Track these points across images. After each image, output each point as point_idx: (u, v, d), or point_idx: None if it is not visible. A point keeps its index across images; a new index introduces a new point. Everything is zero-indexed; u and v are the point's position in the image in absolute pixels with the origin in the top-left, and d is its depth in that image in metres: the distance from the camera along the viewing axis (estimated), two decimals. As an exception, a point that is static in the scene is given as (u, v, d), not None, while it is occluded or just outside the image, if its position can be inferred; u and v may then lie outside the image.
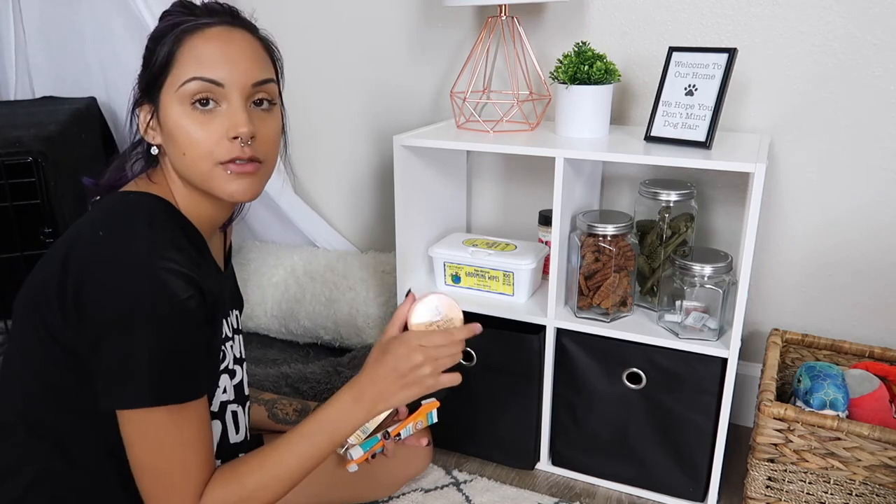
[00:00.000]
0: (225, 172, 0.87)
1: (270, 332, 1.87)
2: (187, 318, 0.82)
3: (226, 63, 0.86)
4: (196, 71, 0.85)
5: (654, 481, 1.37)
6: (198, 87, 0.85)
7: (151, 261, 0.80)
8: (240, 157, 0.87)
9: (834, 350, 1.43)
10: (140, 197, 0.89)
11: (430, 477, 1.42)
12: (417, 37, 1.71)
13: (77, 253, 0.82)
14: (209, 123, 0.86)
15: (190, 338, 0.83)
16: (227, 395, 0.97)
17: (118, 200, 0.89)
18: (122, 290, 0.79)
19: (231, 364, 0.98)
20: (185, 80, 0.85)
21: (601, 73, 1.33)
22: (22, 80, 2.11)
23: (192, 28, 0.86)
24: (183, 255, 0.83)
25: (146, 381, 0.80)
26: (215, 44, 0.86)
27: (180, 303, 0.80)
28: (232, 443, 1.00)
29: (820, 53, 1.37)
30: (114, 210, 0.87)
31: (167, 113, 0.87)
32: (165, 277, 0.80)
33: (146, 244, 0.82)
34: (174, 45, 0.85)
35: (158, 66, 0.86)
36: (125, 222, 0.84)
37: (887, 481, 1.15)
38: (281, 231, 1.96)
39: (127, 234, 0.83)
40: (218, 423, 0.96)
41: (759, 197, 1.15)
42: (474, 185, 1.74)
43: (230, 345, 0.98)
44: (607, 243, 1.32)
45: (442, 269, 1.49)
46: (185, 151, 0.87)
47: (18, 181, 1.57)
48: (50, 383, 0.86)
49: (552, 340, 1.39)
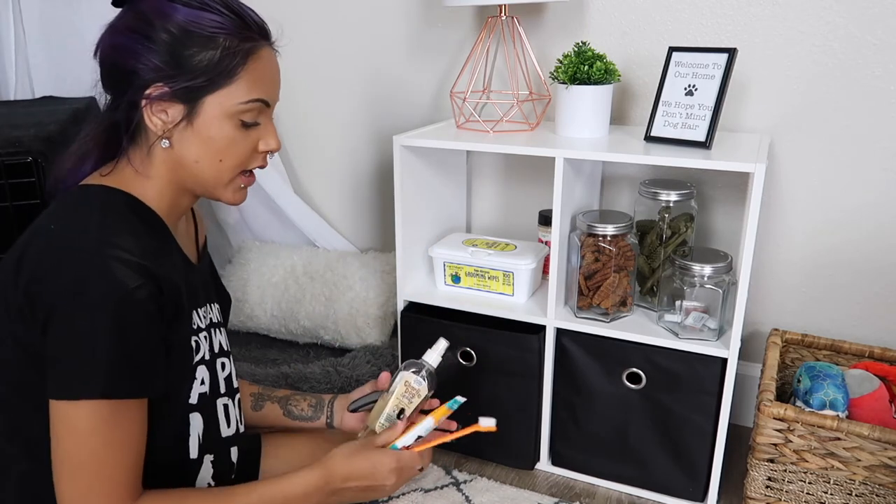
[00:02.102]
0: (240, 184, 0.94)
1: (270, 332, 1.87)
2: (136, 308, 0.79)
3: (274, 85, 0.92)
4: (258, 93, 0.88)
5: (654, 481, 1.37)
6: (254, 108, 0.89)
7: (100, 248, 0.78)
8: (262, 166, 0.95)
9: (834, 350, 1.43)
10: (95, 189, 0.88)
11: (430, 477, 1.42)
12: (417, 37, 1.71)
13: (30, 247, 0.82)
14: (249, 136, 0.91)
15: (138, 329, 0.80)
16: (205, 388, 0.95)
17: (74, 194, 0.88)
18: (69, 278, 0.77)
19: (207, 355, 0.96)
20: (248, 100, 0.87)
21: (601, 73, 1.33)
22: (22, 80, 2.11)
23: (254, 49, 0.88)
24: (139, 243, 0.81)
25: (87, 372, 0.77)
26: (269, 67, 0.91)
27: (128, 292, 0.77)
28: (224, 436, 0.99)
29: (820, 53, 1.37)
30: (68, 203, 0.86)
31: (210, 121, 0.87)
32: (113, 266, 0.78)
33: (96, 233, 0.80)
34: (238, 63, 0.86)
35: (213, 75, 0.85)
36: (77, 213, 0.84)
37: (887, 481, 1.15)
38: (281, 231, 1.96)
39: (77, 224, 0.82)
40: (198, 415, 0.94)
41: (759, 197, 1.15)
42: (474, 185, 1.74)
43: (204, 336, 0.95)
44: (607, 243, 1.32)
45: (442, 269, 1.49)
46: (223, 159, 0.89)
47: (18, 181, 1.57)
48: (16, 384, 0.85)
49: (552, 340, 1.39)
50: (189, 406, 0.92)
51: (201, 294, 0.98)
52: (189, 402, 0.92)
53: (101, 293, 0.77)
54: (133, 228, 0.84)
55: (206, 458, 0.96)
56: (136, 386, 0.81)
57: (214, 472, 0.98)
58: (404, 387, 1.06)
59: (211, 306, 1.01)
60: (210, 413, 0.97)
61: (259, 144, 0.92)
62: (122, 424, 0.80)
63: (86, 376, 0.77)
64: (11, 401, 0.86)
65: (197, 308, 0.95)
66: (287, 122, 1.91)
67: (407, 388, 1.07)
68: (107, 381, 0.78)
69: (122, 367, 0.79)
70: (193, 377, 0.93)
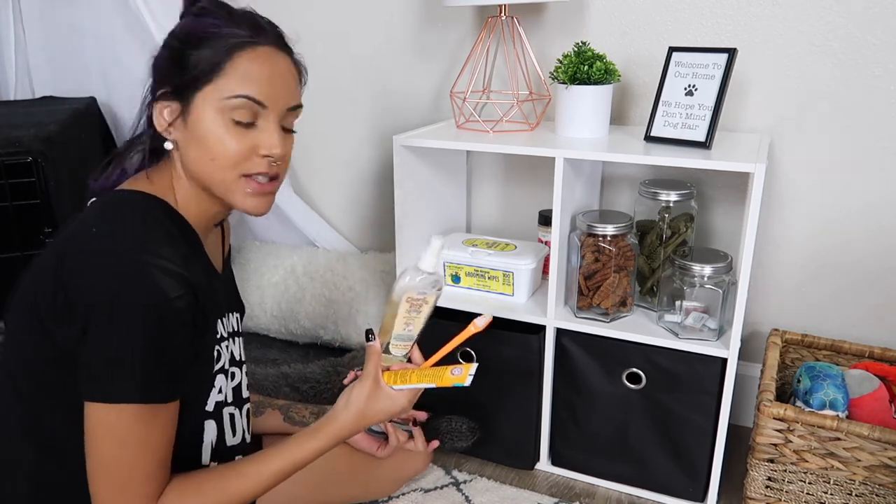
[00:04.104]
0: (245, 189, 0.91)
1: (270, 332, 1.87)
2: (174, 317, 0.81)
3: (271, 85, 0.89)
4: (245, 89, 0.87)
5: (654, 481, 1.37)
6: (242, 104, 0.87)
7: (142, 256, 0.80)
8: (266, 172, 0.91)
9: (834, 350, 1.43)
10: (135, 195, 0.89)
11: (430, 477, 1.42)
12: (417, 37, 1.71)
13: (70, 250, 0.83)
14: (243, 136, 0.89)
15: (175, 338, 0.82)
16: (222, 396, 0.97)
17: (113, 198, 0.89)
18: (110, 283, 0.78)
19: (227, 365, 0.98)
20: (232, 95, 0.87)
21: (601, 73, 1.33)
22: (22, 80, 2.11)
23: (243, 44, 0.87)
24: (177, 252, 0.84)
25: (125, 376, 0.79)
26: (263, 65, 0.89)
27: (168, 301, 0.80)
28: (228, 445, 1.00)
29: (820, 53, 1.37)
30: (107, 207, 0.88)
31: (201, 118, 0.87)
32: (154, 274, 0.79)
33: (138, 240, 0.82)
34: (223, 57, 0.86)
35: (200, 70, 0.86)
36: (118, 218, 0.85)
37: (887, 481, 1.15)
38: (281, 231, 1.96)
39: (119, 230, 0.83)
40: (212, 422, 0.96)
41: (759, 197, 1.15)
42: (474, 185, 1.74)
43: (225, 345, 0.98)
44: (607, 243, 1.32)
45: (442, 270, 1.49)
46: (214, 157, 0.89)
47: (18, 181, 1.57)
48: (42, 382, 0.86)
49: (552, 340, 1.39)
50: (205, 413, 0.94)
51: (224, 303, 1.00)
52: (206, 410, 0.94)
53: (143, 301, 0.78)
54: (171, 236, 0.86)
55: (212, 466, 0.97)
56: (171, 391, 0.84)
57: None
58: (407, 302, 1.03)
59: (232, 315, 1.03)
60: (220, 421, 0.98)
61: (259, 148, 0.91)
62: (157, 426, 0.83)
63: (124, 381, 0.79)
64: (33, 398, 0.88)
65: (220, 317, 0.97)
66: (287, 122, 1.90)
67: (411, 303, 1.03)
68: (144, 387, 0.80)
69: (158, 373, 0.81)
70: (212, 385, 0.95)
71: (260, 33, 0.90)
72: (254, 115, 0.89)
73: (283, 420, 1.24)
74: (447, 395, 1.08)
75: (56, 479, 0.88)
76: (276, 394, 1.44)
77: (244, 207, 0.92)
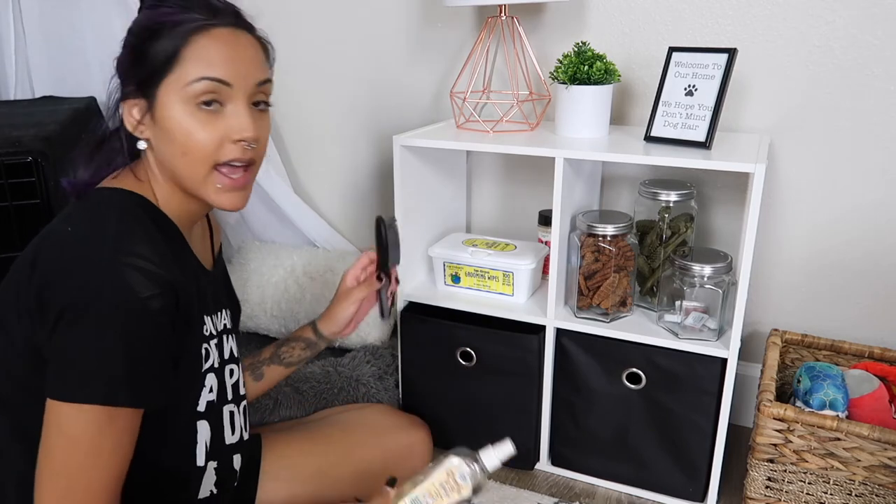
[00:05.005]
0: (216, 184, 0.88)
1: (270, 332, 1.87)
2: (146, 317, 0.78)
3: (233, 64, 0.86)
4: (206, 71, 0.84)
5: (654, 481, 1.37)
6: (206, 87, 0.84)
7: (115, 255, 0.78)
8: (240, 158, 0.87)
9: (834, 350, 1.43)
10: (114, 193, 0.88)
11: (430, 477, 1.42)
12: (417, 37, 1.71)
13: (45, 249, 0.81)
14: (212, 124, 0.86)
15: (147, 339, 0.79)
16: (213, 396, 0.95)
17: (91, 197, 0.87)
18: (81, 282, 0.77)
19: (217, 364, 0.96)
20: (192, 80, 0.84)
21: (601, 73, 1.33)
22: (22, 80, 2.10)
23: (199, 27, 0.85)
24: (155, 250, 0.81)
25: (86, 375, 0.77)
26: (223, 45, 0.86)
27: (140, 300, 0.77)
28: (227, 443, 0.99)
29: (820, 53, 1.37)
30: (84, 206, 0.86)
31: (167, 111, 0.85)
32: (128, 273, 0.77)
33: (112, 239, 0.80)
34: (179, 43, 0.84)
35: (159, 62, 0.85)
36: (93, 217, 0.83)
37: (887, 481, 1.15)
38: (281, 231, 1.96)
39: (93, 229, 0.81)
40: (205, 423, 0.94)
41: (759, 197, 1.15)
42: (474, 185, 1.74)
43: (215, 343, 0.95)
44: (607, 243, 1.32)
45: (442, 269, 1.49)
46: (185, 152, 0.86)
47: (18, 181, 1.57)
48: (23, 385, 0.84)
49: (552, 340, 1.39)
50: (197, 414, 0.92)
51: (214, 300, 0.98)
52: (197, 410, 0.92)
53: (112, 300, 0.76)
54: (150, 234, 0.83)
55: (209, 465, 0.96)
56: (135, 397, 0.80)
57: (217, 480, 0.98)
58: (446, 475, 0.91)
59: (223, 312, 1.01)
60: (216, 420, 0.97)
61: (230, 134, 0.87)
62: (113, 434, 0.79)
63: (86, 380, 0.77)
64: (18, 400, 0.86)
65: (209, 314, 0.95)
66: (287, 123, 1.91)
67: (449, 477, 0.91)
68: (107, 388, 0.77)
69: (123, 376, 0.78)
70: (202, 385, 0.93)
71: (216, 14, 0.87)
72: (220, 97, 0.85)
73: (284, 368, 1.23)
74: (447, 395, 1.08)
75: None
76: (276, 393, 1.44)
77: (218, 203, 0.90)
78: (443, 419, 1.48)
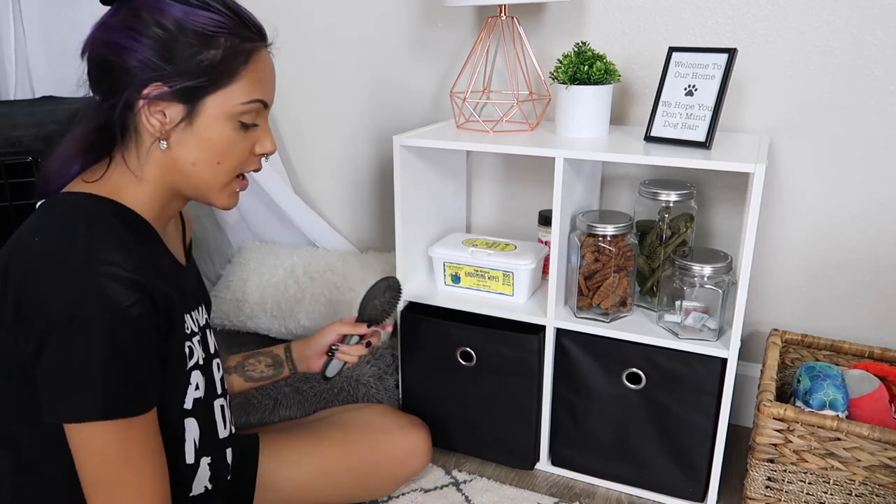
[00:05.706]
0: (235, 188, 0.93)
1: (270, 332, 1.87)
2: (130, 325, 0.77)
3: (273, 86, 0.92)
4: (258, 94, 0.88)
5: (654, 481, 1.37)
6: (255, 108, 0.88)
7: (89, 265, 0.76)
8: (257, 169, 0.94)
9: (834, 350, 1.43)
10: (80, 198, 0.84)
11: (430, 477, 1.42)
12: (417, 37, 1.71)
13: (15, 260, 0.79)
14: (246, 138, 0.90)
15: (134, 347, 0.78)
16: (199, 393, 0.94)
17: (59, 203, 0.84)
18: (61, 298, 0.75)
19: (202, 359, 0.95)
20: (246, 101, 0.87)
21: (601, 73, 1.33)
22: (22, 80, 2.10)
23: (256, 48, 0.88)
24: (129, 256, 0.79)
25: (85, 393, 0.76)
26: (269, 67, 0.91)
27: (121, 309, 0.76)
28: (221, 438, 0.99)
29: (820, 53, 1.37)
30: (52, 214, 0.83)
31: (211, 122, 0.85)
32: (105, 283, 0.76)
33: (84, 248, 0.77)
34: (241, 62, 0.85)
35: (215, 74, 0.83)
36: (63, 226, 0.80)
37: (887, 481, 1.15)
38: (281, 231, 1.96)
39: (63, 239, 0.78)
40: (193, 420, 0.93)
41: (759, 197, 1.15)
42: (474, 185, 1.74)
43: (197, 340, 0.95)
44: (607, 243, 1.32)
45: (442, 269, 1.49)
46: (220, 161, 0.88)
47: (18, 181, 1.57)
48: (6, 396, 0.83)
49: (552, 340, 1.39)
50: (184, 412, 0.92)
51: (192, 297, 0.97)
52: (184, 408, 0.92)
53: (95, 314, 0.75)
54: (122, 240, 0.81)
55: (202, 461, 0.96)
56: (135, 404, 0.80)
57: (211, 475, 0.98)
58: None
59: (201, 308, 1.00)
60: (207, 415, 0.97)
61: (255, 147, 0.92)
62: (136, 441, 0.80)
63: (83, 399, 0.77)
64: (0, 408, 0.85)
65: (189, 312, 0.94)
66: (287, 123, 1.91)
67: None
68: (104, 403, 0.77)
69: (119, 387, 0.78)
70: (188, 383, 0.92)
71: (260, 33, 0.89)
72: (260, 116, 0.91)
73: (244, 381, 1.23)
74: (447, 395, 1.08)
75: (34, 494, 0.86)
76: (276, 393, 1.44)
77: (224, 205, 0.93)
78: (443, 419, 1.48)
